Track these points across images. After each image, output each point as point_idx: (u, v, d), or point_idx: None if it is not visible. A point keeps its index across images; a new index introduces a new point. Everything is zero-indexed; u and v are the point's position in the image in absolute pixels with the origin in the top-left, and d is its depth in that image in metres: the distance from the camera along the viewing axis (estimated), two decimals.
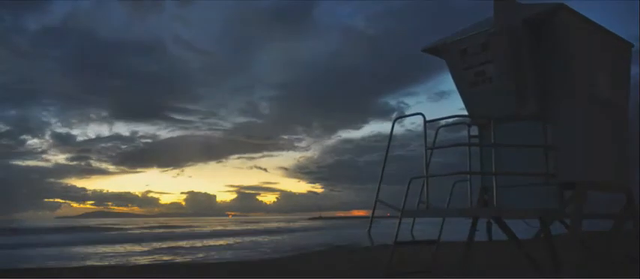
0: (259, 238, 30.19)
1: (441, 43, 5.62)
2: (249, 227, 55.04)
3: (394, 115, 6.01)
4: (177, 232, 40.40)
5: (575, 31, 4.93)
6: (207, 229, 50.45)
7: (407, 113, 5.80)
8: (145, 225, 65.35)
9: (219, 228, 53.37)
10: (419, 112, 4.86)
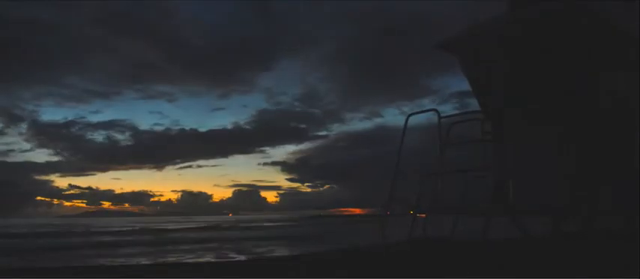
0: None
1: (452, 39, 5.58)
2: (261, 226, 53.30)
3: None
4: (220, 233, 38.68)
5: (590, 28, 4.90)
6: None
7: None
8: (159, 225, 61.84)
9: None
10: (433, 108, 4.86)
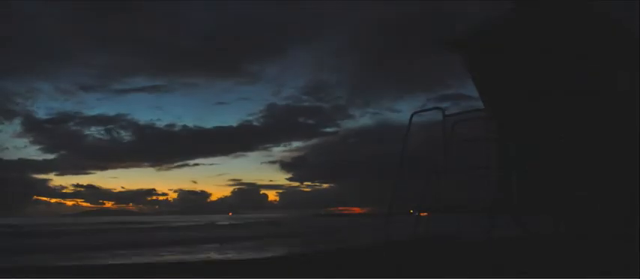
0: None
1: (455, 37, 5.59)
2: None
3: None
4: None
5: (591, 28, 4.91)
6: None
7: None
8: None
9: None
10: (438, 106, 4.87)
